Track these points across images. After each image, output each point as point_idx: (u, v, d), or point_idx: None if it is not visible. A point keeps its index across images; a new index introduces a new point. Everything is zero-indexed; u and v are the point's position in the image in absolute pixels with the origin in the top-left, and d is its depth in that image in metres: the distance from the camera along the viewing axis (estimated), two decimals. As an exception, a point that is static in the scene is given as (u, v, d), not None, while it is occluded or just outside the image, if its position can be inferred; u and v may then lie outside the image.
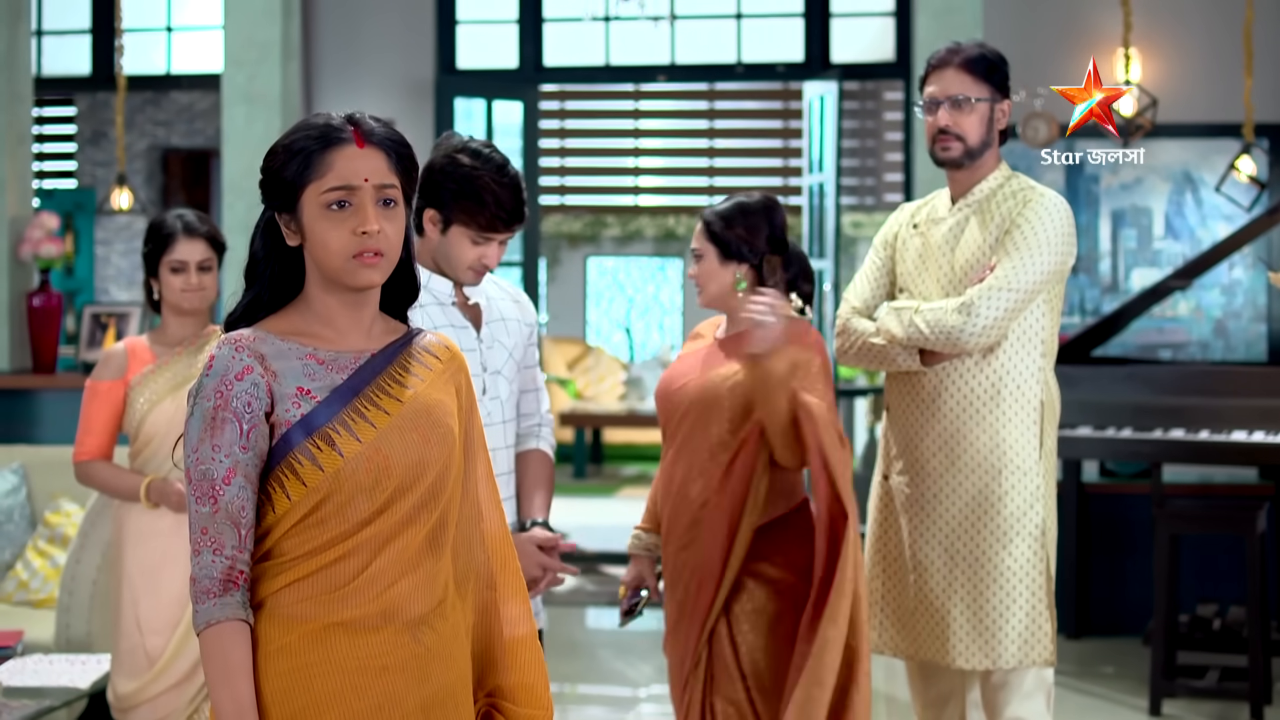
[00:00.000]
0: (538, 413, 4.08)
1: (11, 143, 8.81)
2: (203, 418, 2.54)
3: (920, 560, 4.28)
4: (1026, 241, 4.12)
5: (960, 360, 4.21)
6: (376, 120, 2.64)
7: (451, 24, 10.20)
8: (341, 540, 2.54)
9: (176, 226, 4.52)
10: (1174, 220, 9.21)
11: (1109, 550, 7.94)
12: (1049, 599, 4.20)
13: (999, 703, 4.22)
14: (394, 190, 2.60)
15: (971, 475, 4.20)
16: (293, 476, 2.54)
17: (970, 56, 4.25)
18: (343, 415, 2.55)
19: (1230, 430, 6.86)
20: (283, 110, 8.81)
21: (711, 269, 4.16)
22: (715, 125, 17.12)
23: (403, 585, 2.56)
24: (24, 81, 8.97)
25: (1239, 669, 6.82)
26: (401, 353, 2.66)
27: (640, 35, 10.31)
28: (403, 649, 2.56)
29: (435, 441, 2.60)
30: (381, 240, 2.56)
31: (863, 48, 10.14)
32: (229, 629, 2.49)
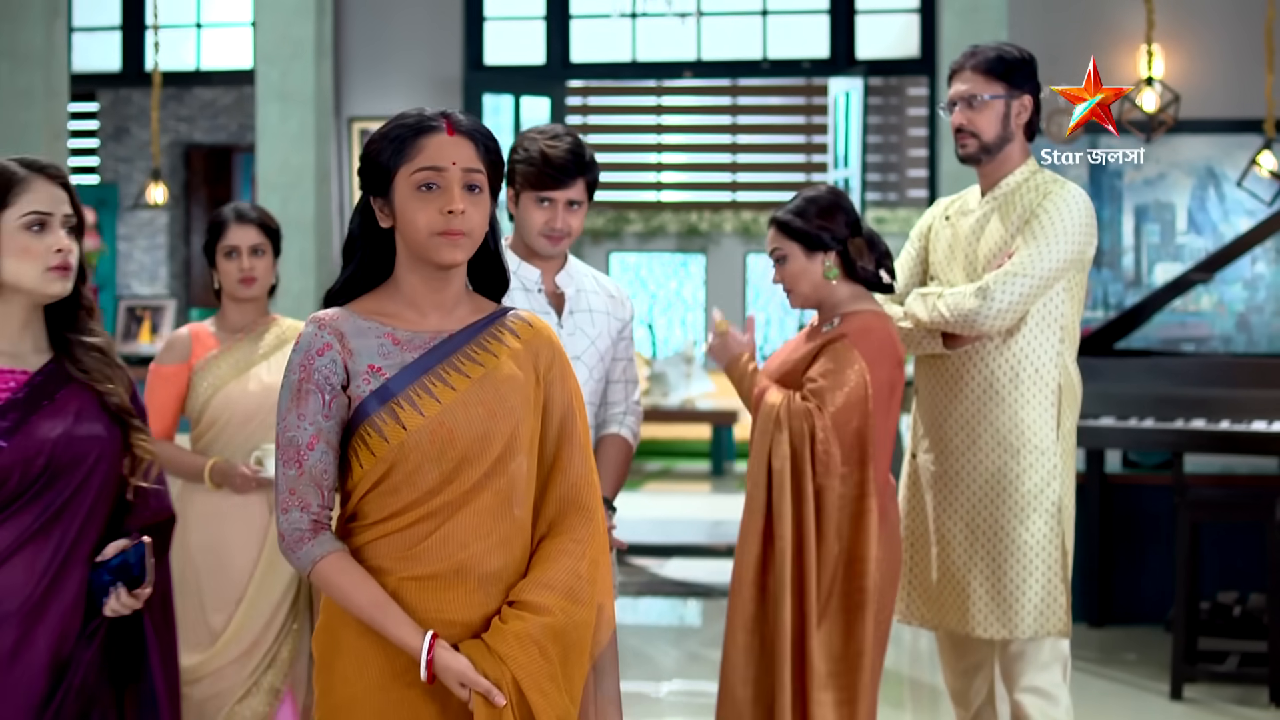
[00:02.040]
0: (624, 401, 4.25)
1: (49, 137, 8.96)
2: (290, 389, 2.79)
3: (944, 534, 4.44)
4: (1044, 230, 4.27)
5: (981, 344, 4.35)
6: (467, 115, 2.85)
7: (479, 21, 10.31)
8: (415, 506, 2.76)
9: (229, 215, 4.66)
10: (1196, 215, 9.28)
11: (1131, 540, 8.04)
12: (1064, 573, 4.35)
13: (1016, 672, 4.37)
14: (479, 176, 2.81)
15: (992, 453, 4.36)
16: (364, 446, 2.77)
17: (985, 58, 4.39)
18: (409, 391, 2.76)
19: (1251, 420, 6.97)
20: (315, 107, 8.96)
21: (799, 266, 4.26)
22: (738, 121, 17.24)
23: (475, 547, 2.77)
24: (60, 77, 9.13)
25: (1259, 654, 6.93)
26: (483, 331, 2.86)
27: (666, 31, 10.42)
28: (474, 607, 2.76)
29: (502, 415, 2.79)
30: (464, 221, 2.77)
31: (888, 44, 10.23)
32: (334, 558, 2.76)
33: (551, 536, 2.86)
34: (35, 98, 8.93)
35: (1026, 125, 4.45)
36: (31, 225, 2.87)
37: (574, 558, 2.84)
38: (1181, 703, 6.69)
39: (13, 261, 2.84)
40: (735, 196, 17.90)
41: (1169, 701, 6.71)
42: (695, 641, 8.23)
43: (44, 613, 2.77)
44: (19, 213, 2.86)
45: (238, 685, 4.48)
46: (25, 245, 2.85)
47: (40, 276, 2.86)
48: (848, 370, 4.11)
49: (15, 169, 2.89)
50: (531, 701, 2.72)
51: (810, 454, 4.09)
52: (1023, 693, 4.36)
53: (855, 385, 4.11)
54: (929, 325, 4.36)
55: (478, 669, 2.70)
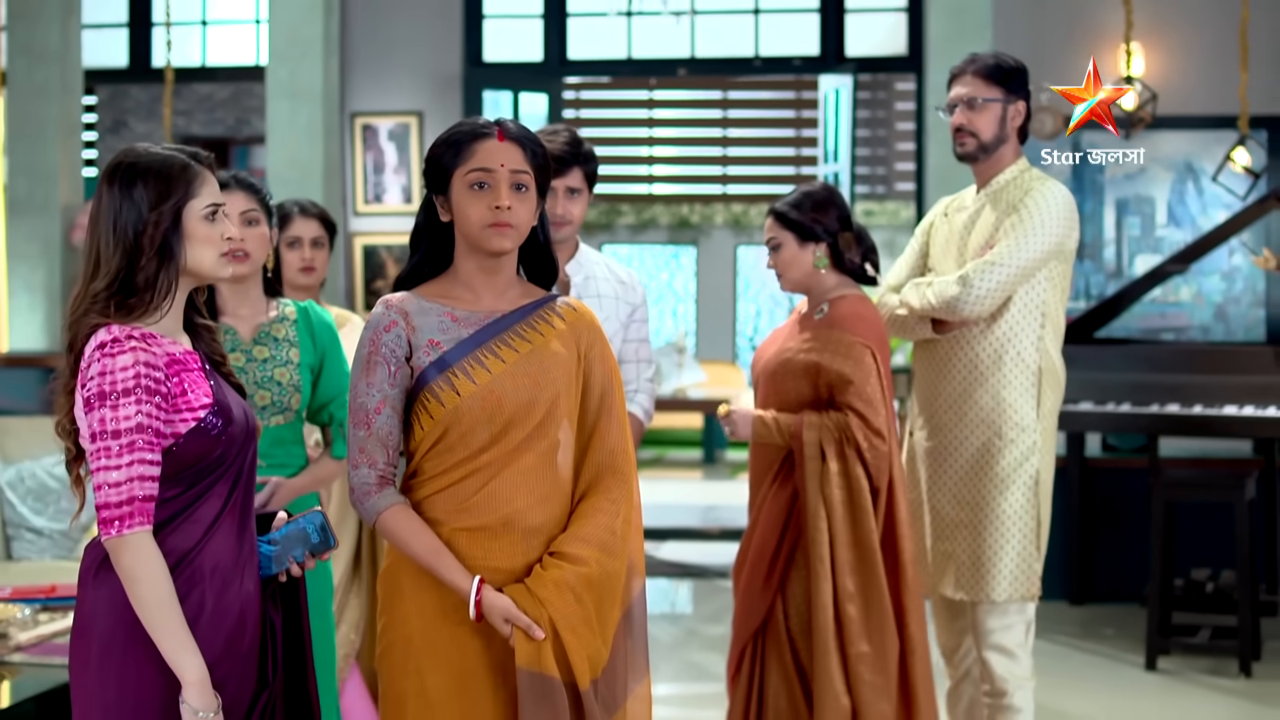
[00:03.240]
0: (636, 379, 4.60)
1: (64, 133, 9.22)
2: (361, 361, 3.18)
3: (935, 505, 4.79)
4: (1023, 224, 4.60)
5: (968, 329, 4.69)
6: (517, 124, 3.25)
7: (479, 18, 10.49)
8: (466, 463, 3.14)
9: (293, 208, 4.97)
10: (1176, 209, 9.53)
11: (1109, 522, 8.35)
12: (1038, 541, 4.70)
13: (983, 631, 4.71)
14: (525, 176, 3.21)
15: (976, 430, 4.70)
16: (424, 410, 3.15)
17: (985, 64, 4.73)
18: (463, 362, 3.15)
19: (1223, 405, 7.29)
20: (324, 104, 9.21)
21: (791, 254, 4.62)
22: (729, 115, 17.44)
23: (519, 502, 3.15)
24: (75, 74, 9.37)
25: (1229, 628, 7.27)
26: (532, 313, 3.25)
27: (661, 29, 10.64)
28: (517, 556, 3.15)
29: (545, 385, 3.18)
30: (511, 215, 3.17)
31: (876, 42, 10.48)
32: (396, 509, 3.14)
33: (589, 496, 3.22)
34: (52, 94, 9.18)
35: (1020, 128, 4.78)
36: (210, 215, 3.06)
37: (608, 515, 3.20)
38: (1156, 673, 7.03)
39: (196, 248, 3.04)
40: (726, 190, 18.12)
41: (1144, 672, 7.04)
42: (691, 619, 8.54)
43: (240, 569, 3.04)
44: (202, 203, 3.04)
45: None
46: (207, 234, 3.04)
47: (217, 262, 3.07)
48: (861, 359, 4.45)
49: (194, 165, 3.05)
50: (565, 641, 3.07)
51: (862, 464, 4.42)
52: (989, 650, 4.69)
53: (877, 375, 4.46)
54: (920, 312, 4.69)
55: (519, 608, 3.05)
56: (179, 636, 2.88)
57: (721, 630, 7.93)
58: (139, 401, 2.88)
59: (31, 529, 6.64)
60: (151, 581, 2.87)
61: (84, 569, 3.02)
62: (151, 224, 2.96)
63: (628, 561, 3.24)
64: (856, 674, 4.37)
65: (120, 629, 2.93)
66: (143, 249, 2.96)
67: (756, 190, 17.79)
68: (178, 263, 2.99)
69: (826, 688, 4.36)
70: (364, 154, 10.30)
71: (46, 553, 6.59)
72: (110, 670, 2.93)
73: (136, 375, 2.89)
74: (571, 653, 3.09)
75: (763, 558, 4.53)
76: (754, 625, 4.54)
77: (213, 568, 2.98)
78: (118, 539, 2.87)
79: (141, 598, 2.87)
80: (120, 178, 2.98)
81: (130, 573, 2.87)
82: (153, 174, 2.98)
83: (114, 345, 2.90)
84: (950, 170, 8.47)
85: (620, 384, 3.33)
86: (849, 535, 4.41)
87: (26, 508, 6.65)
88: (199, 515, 2.99)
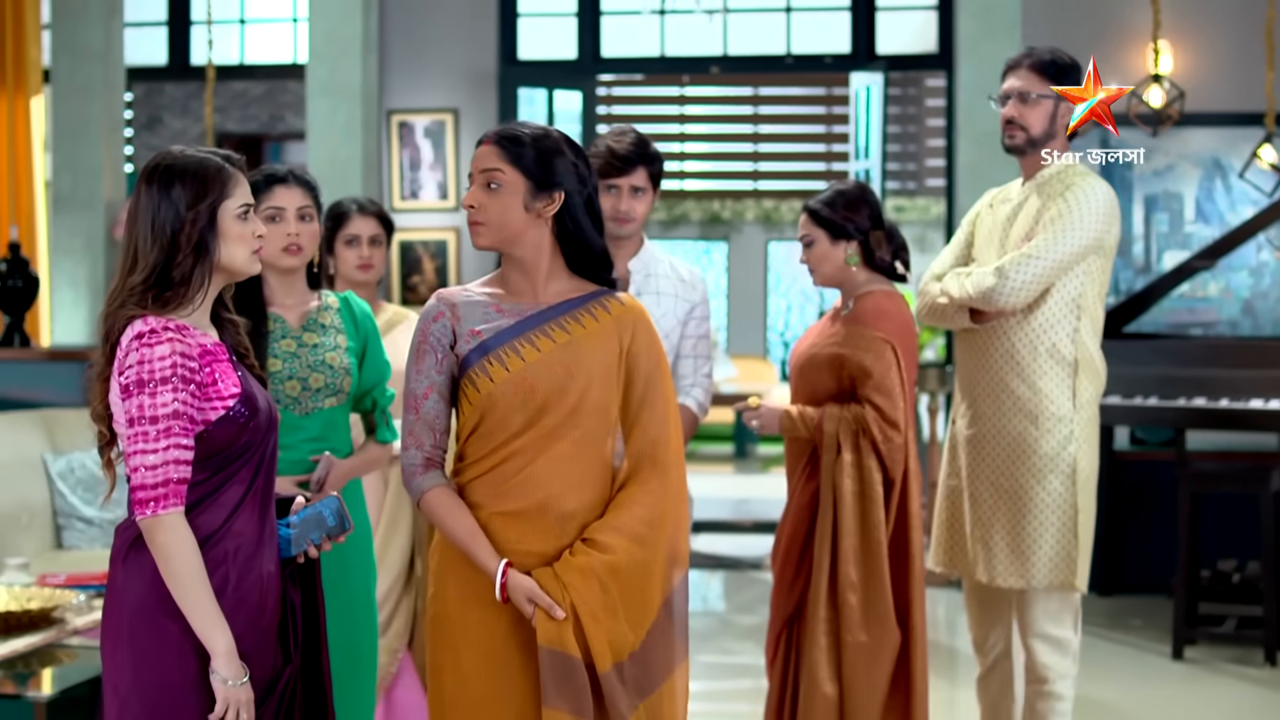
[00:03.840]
0: (693, 374, 4.73)
1: (107, 130, 9.36)
2: (412, 350, 3.39)
3: (974, 492, 4.86)
4: (1061, 218, 4.68)
5: (1005, 320, 4.77)
6: (510, 125, 3.42)
7: (514, 16, 10.55)
8: (503, 447, 3.31)
9: (351, 206, 5.03)
10: (1204, 205, 9.58)
11: (1137, 514, 8.46)
12: (1078, 530, 4.74)
13: (1029, 620, 4.78)
14: (498, 174, 3.35)
15: (1013, 419, 4.78)
16: (465, 396, 3.35)
17: (1040, 59, 4.80)
18: (500, 349, 3.33)
19: (1249, 399, 7.38)
20: (363, 101, 9.34)
21: (823, 251, 4.74)
22: (760, 111, 17.52)
23: (553, 488, 3.30)
24: (117, 72, 9.52)
25: (1255, 618, 7.38)
26: (577, 307, 3.40)
27: (693, 27, 10.68)
28: (549, 540, 3.30)
29: (579, 375, 3.33)
30: (477, 213, 3.36)
31: (906, 40, 10.53)
32: (438, 490, 3.35)
33: (627, 486, 3.35)
34: (95, 92, 9.32)
35: (1068, 125, 4.82)
36: (243, 214, 3.21)
37: (643, 507, 3.33)
38: (1182, 662, 7.14)
39: (230, 245, 3.19)
40: (757, 186, 18.21)
41: (1171, 662, 7.15)
42: (725, 610, 8.67)
43: (261, 550, 3.19)
44: (236, 203, 3.20)
45: None
46: (240, 232, 3.20)
47: (249, 259, 3.23)
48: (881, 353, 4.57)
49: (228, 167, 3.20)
50: (585, 625, 3.22)
51: (876, 456, 4.54)
52: (1035, 639, 4.77)
53: (896, 369, 4.58)
54: (959, 301, 4.77)
55: (543, 589, 3.21)
56: (209, 611, 3.05)
57: (754, 620, 8.06)
58: (175, 389, 3.05)
59: (82, 519, 6.80)
60: (184, 559, 3.03)
61: (115, 550, 3.17)
62: (189, 222, 3.13)
63: (665, 552, 3.34)
64: (851, 663, 4.47)
65: (151, 606, 3.08)
66: (179, 246, 3.13)
67: (787, 186, 17.87)
68: (212, 259, 3.16)
69: (814, 673, 4.48)
70: (400, 151, 10.42)
71: (96, 542, 6.74)
72: (141, 645, 3.08)
73: (173, 364, 3.05)
74: (591, 637, 3.22)
75: (794, 546, 4.65)
76: (788, 611, 4.66)
77: (236, 548, 3.14)
78: (153, 519, 3.03)
79: (175, 574, 3.03)
80: (159, 178, 3.15)
81: (164, 550, 3.03)
82: (190, 175, 3.15)
83: (151, 336, 3.06)
84: (980, 166, 8.60)
85: (667, 377, 3.43)
86: (856, 525, 4.52)
87: (77, 498, 6.81)
88: (224, 499, 3.14)
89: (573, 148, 3.42)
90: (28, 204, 9.73)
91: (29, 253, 9.43)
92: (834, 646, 4.51)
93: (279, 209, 4.17)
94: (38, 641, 4.55)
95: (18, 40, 9.71)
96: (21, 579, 5.17)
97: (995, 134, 8.44)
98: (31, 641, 4.54)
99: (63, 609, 4.78)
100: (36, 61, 9.80)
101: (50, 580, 5.26)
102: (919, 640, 4.55)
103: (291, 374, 4.13)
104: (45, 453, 6.87)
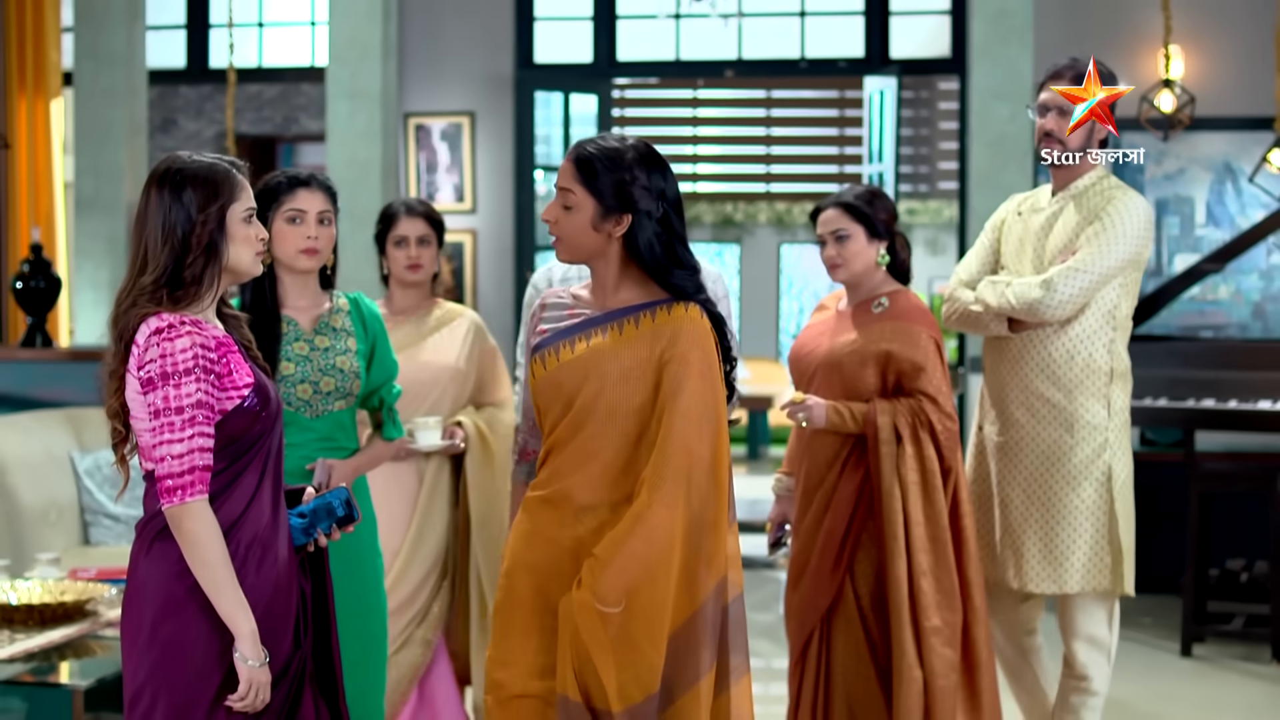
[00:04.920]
0: None
1: (130, 133, 9.45)
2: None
3: (1005, 499, 4.93)
4: (1106, 233, 4.74)
5: (1042, 329, 4.83)
6: (584, 143, 3.55)
7: (530, 20, 10.63)
8: (548, 436, 3.56)
9: (399, 208, 5.15)
10: (1215, 208, 9.62)
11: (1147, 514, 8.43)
12: (1112, 536, 4.84)
13: (1070, 622, 4.89)
14: (570, 195, 3.51)
15: (1047, 428, 4.84)
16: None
17: (1081, 71, 4.81)
18: (548, 348, 3.55)
19: (1257, 400, 7.46)
20: (382, 105, 9.44)
21: (859, 247, 4.77)
22: (773, 114, 17.57)
23: (570, 480, 3.48)
24: (139, 76, 9.60)
25: (1263, 616, 7.47)
26: (625, 315, 3.52)
27: (708, 31, 10.75)
28: (566, 528, 3.47)
29: (594, 379, 3.47)
30: (555, 228, 3.55)
31: (919, 44, 10.62)
32: (516, 486, 3.86)
33: (641, 493, 3.39)
34: (118, 96, 9.41)
35: (1103, 137, 4.90)
36: (248, 218, 3.34)
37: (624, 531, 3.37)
38: (1191, 660, 7.23)
39: (237, 247, 3.32)
40: (769, 188, 18.28)
41: (1179, 659, 7.25)
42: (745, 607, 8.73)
43: (276, 537, 3.29)
44: (242, 207, 3.32)
45: (394, 638, 4.89)
46: (246, 234, 3.33)
47: (253, 260, 3.37)
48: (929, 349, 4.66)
49: (235, 172, 3.32)
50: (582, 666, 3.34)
51: (935, 446, 4.64)
52: (1076, 639, 4.87)
53: (943, 364, 4.69)
54: (996, 310, 4.83)
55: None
56: (234, 595, 3.15)
57: (770, 618, 8.14)
58: (198, 380, 3.16)
59: (109, 515, 6.90)
60: (211, 545, 3.14)
61: (137, 544, 3.27)
62: (200, 224, 3.25)
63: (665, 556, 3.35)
64: (929, 646, 4.54)
65: (177, 596, 3.18)
66: (190, 247, 3.24)
67: (800, 189, 17.94)
68: (221, 260, 3.29)
69: (901, 660, 4.53)
70: (417, 153, 10.52)
71: (123, 538, 6.84)
72: (163, 633, 3.17)
73: (195, 356, 3.16)
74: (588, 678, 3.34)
75: (832, 541, 4.69)
76: (824, 606, 4.70)
77: (253, 536, 3.24)
78: (180, 506, 3.13)
79: (202, 559, 3.13)
80: (169, 183, 3.26)
81: (192, 537, 3.13)
82: (200, 179, 3.27)
83: (170, 330, 3.17)
84: (992, 170, 8.68)
85: (696, 393, 3.42)
86: (923, 514, 4.60)
87: (104, 495, 6.91)
88: (241, 487, 3.25)
89: (648, 165, 3.50)
90: (47, 206, 9.83)
91: (50, 254, 9.52)
92: (915, 634, 4.57)
93: (300, 211, 4.28)
94: (73, 633, 4.66)
95: (38, 43, 9.80)
96: (53, 573, 5.27)
97: (1008, 138, 8.66)
98: (67, 633, 4.65)
99: (95, 602, 4.88)
100: (56, 64, 9.90)
101: (82, 574, 5.37)
102: (981, 619, 4.63)
103: (304, 377, 4.25)
104: (73, 450, 6.98)
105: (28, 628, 4.68)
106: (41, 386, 8.35)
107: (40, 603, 4.73)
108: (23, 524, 6.50)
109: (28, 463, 6.68)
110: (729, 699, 3.48)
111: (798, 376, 4.91)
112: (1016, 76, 8.74)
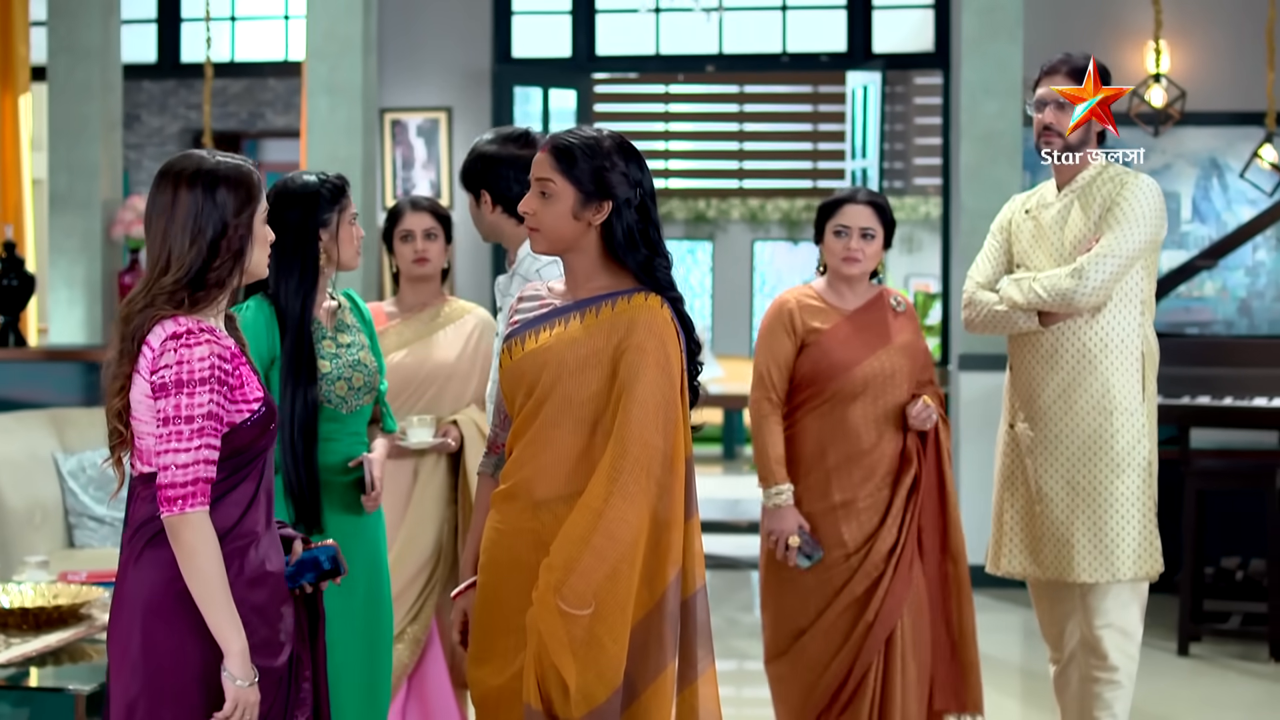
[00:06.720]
0: None
1: (104, 129, 9.32)
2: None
3: (1045, 493, 4.91)
4: (1126, 216, 4.77)
5: (1072, 320, 4.85)
6: (561, 134, 3.51)
7: (508, 14, 10.58)
8: (513, 428, 3.50)
9: (405, 204, 5.17)
10: (1201, 204, 9.64)
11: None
12: (1154, 520, 4.86)
13: (1098, 609, 4.86)
14: (549, 184, 3.46)
15: (1087, 417, 4.84)
16: None
17: (1076, 66, 4.85)
18: (514, 338, 3.51)
19: (1252, 397, 7.45)
20: (363, 100, 9.34)
21: (878, 249, 4.93)
22: (746, 109, 17.53)
23: (528, 470, 3.43)
24: (114, 71, 9.48)
25: (1259, 614, 7.43)
26: (588, 305, 3.47)
27: (689, 25, 10.72)
28: (525, 520, 3.43)
29: (551, 368, 3.41)
30: (532, 219, 3.49)
31: (902, 38, 10.58)
32: (482, 478, 3.73)
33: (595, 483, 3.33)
34: (92, 91, 9.28)
35: (1100, 131, 4.92)
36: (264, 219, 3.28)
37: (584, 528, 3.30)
38: (1188, 658, 7.19)
39: (257, 249, 3.26)
40: (742, 184, 18.23)
41: (1176, 657, 7.20)
42: (729, 608, 8.68)
43: (269, 546, 3.26)
44: (262, 208, 3.26)
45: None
46: (264, 236, 3.28)
47: (265, 262, 3.30)
48: None
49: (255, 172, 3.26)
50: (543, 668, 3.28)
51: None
52: (1103, 628, 4.85)
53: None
54: (1025, 306, 4.85)
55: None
56: (227, 611, 3.09)
57: (751, 619, 8.09)
58: (211, 390, 3.10)
59: (93, 517, 6.80)
60: (207, 557, 3.07)
61: (126, 553, 3.21)
62: (233, 228, 3.19)
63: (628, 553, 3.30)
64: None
65: (165, 604, 3.12)
66: (220, 250, 3.18)
67: (773, 185, 17.90)
68: (245, 263, 3.23)
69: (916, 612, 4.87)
70: (393, 149, 10.43)
71: (108, 540, 6.74)
72: (153, 642, 3.12)
73: (211, 366, 3.10)
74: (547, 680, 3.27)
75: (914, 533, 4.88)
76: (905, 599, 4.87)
77: (247, 545, 3.19)
78: (179, 516, 3.07)
79: (198, 571, 3.07)
80: (202, 182, 3.18)
81: (189, 548, 3.07)
82: (233, 182, 3.21)
83: (189, 337, 3.10)
84: (982, 166, 8.63)
85: (653, 383, 3.36)
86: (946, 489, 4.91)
87: (88, 496, 6.80)
88: (236, 497, 3.19)
89: (624, 154, 3.47)
90: (15, 203, 9.68)
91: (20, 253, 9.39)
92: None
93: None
94: (69, 637, 4.56)
95: (6, 38, 9.65)
96: (43, 577, 5.17)
97: (997, 134, 8.62)
98: (63, 637, 4.55)
99: (90, 605, 4.79)
100: (25, 59, 9.74)
101: (72, 577, 5.27)
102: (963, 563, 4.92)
103: (339, 375, 4.28)
104: (56, 452, 6.87)
105: (22, 632, 4.59)
106: (16, 387, 8.23)
107: (34, 606, 4.64)
108: (7, 527, 6.40)
109: (10, 465, 6.58)
110: (695, 692, 3.46)
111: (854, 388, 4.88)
112: (1006, 71, 8.71)
